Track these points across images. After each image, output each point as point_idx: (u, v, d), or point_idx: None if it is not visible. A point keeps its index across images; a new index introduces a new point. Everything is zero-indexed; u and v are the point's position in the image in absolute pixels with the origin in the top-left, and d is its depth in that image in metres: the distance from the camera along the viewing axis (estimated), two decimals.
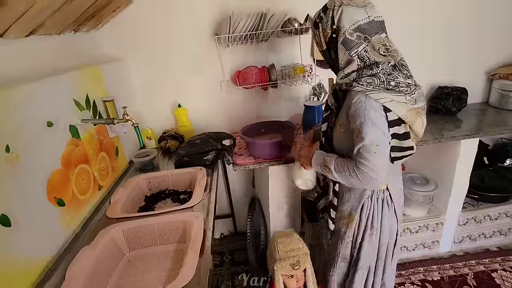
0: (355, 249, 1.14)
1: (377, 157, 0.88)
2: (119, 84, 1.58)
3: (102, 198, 1.26)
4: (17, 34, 1.01)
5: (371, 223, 1.08)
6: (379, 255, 1.14)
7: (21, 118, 0.85)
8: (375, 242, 1.11)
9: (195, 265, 0.84)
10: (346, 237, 1.13)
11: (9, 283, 0.75)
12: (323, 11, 0.97)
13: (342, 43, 0.93)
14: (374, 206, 1.07)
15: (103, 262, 0.99)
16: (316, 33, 1.01)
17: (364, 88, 0.90)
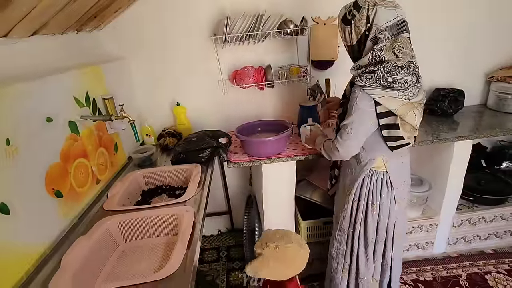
0: (355, 224, 1.27)
1: (351, 138, 1.11)
2: (120, 82, 1.63)
3: (100, 191, 1.31)
4: (20, 34, 1.07)
5: (371, 199, 1.22)
6: (378, 234, 1.26)
7: (21, 113, 0.90)
8: (376, 218, 1.24)
9: (182, 256, 0.89)
10: (345, 209, 1.29)
11: (7, 267, 0.80)
12: (355, 8, 1.04)
13: (371, 39, 1.04)
14: (374, 183, 1.21)
15: (98, 252, 1.03)
16: (346, 29, 1.09)
17: (363, 83, 1.05)
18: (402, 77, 1.04)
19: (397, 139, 1.12)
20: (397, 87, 1.03)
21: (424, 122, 1.84)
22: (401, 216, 1.28)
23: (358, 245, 1.30)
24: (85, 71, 1.29)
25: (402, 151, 1.19)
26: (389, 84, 1.03)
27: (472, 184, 1.96)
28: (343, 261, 1.37)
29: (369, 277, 1.34)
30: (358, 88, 1.07)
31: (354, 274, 1.36)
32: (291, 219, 1.71)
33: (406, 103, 1.05)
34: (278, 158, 1.51)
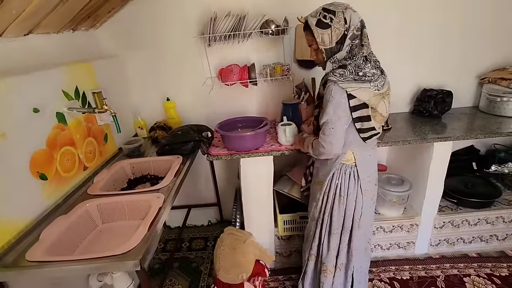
0: (324, 214, 1.36)
1: (333, 133, 1.17)
2: (112, 78, 1.76)
3: (86, 177, 1.44)
4: (15, 33, 1.20)
5: (339, 192, 1.29)
6: (344, 225, 1.34)
7: (9, 104, 1.03)
8: (342, 209, 1.31)
9: (141, 237, 0.98)
10: (317, 199, 1.37)
11: None
12: (329, 13, 1.11)
13: (350, 37, 1.12)
14: (342, 176, 1.28)
15: (76, 229, 1.16)
16: (325, 33, 1.13)
17: (336, 78, 1.13)
18: (369, 70, 1.15)
19: (369, 130, 1.21)
20: (368, 79, 1.13)
21: (409, 123, 1.86)
22: (367, 209, 1.33)
23: (323, 233, 1.38)
24: (75, 67, 1.41)
25: (371, 144, 1.29)
26: (360, 78, 1.13)
27: (458, 186, 1.95)
28: (310, 248, 1.46)
29: (329, 264, 1.40)
30: (332, 83, 1.15)
31: (319, 259, 1.44)
32: (270, 212, 1.78)
33: (376, 94, 1.15)
34: (256, 152, 1.58)
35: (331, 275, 1.41)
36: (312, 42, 1.19)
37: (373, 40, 1.82)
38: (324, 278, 1.41)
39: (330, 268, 1.40)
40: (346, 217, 1.33)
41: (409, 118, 1.95)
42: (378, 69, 1.18)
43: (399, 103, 2.04)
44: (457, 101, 2.01)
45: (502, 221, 1.86)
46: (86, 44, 1.69)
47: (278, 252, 1.92)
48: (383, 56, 1.86)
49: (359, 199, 1.31)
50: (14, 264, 0.92)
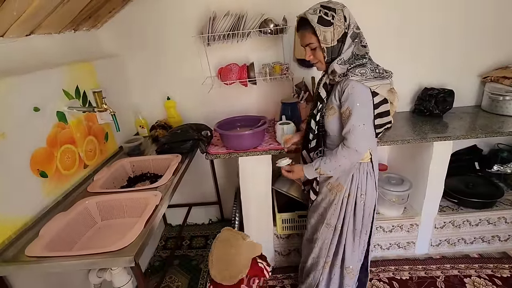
0: (345, 218, 1.30)
1: (364, 132, 1.11)
2: (113, 77, 1.78)
3: (87, 175, 1.47)
4: (17, 33, 1.23)
5: (360, 191, 1.26)
6: (364, 222, 1.32)
7: (9, 103, 1.05)
8: (362, 208, 1.28)
9: (136, 234, 1.00)
10: (334, 204, 1.30)
11: None
12: (329, 10, 1.07)
13: (351, 36, 1.11)
14: (361, 176, 1.25)
15: (75, 226, 1.18)
16: (328, 31, 1.08)
17: (359, 78, 1.09)
18: (382, 67, 1.16)
19: (385, 124, 1.21)
20: (386, 75, 1.14)
21: (409, 122, 1.85)
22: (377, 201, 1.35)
23: (346, 237, 1.33)
24: (76, 67, 1.44)
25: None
26: (380, 75, 1.12)
27: (459, 186, 1.93)
28: (326, 255, 1.39)
29: (354, 265, 1.38)
30: (355, 83, 1.10)
31: (339, 264, 1.39)
32: (268, 211, 1.78)
33: (389, 89, 1.16)
34: (254, 151, 1.59)
35: (356, 276, 1.40)
36: (311, 41, 1.13)
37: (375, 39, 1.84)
38: (349, 280, 1.39)
39: (355, 269, 1.39)
40: (366, 214, 1.31)
41: (410, 117, 1.94)
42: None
43: (400, 102, 2.02)
44: (459, 100, 1.99)
45: (504, 221, 1.83)
46: (87, 44, 1.72)
47: (277, 251, 1.93)
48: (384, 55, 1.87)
49: (374, 193, 1.30)
50: (14, 259, 0.94)
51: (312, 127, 1.27)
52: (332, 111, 1.19)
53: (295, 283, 1.80)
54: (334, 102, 1.18)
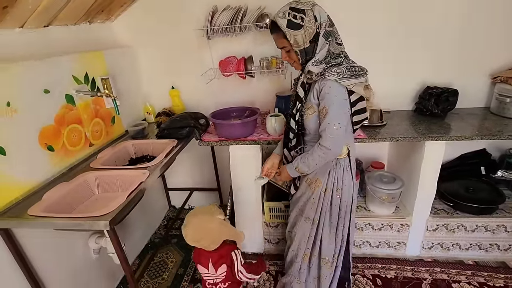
0: (321, 211, 1.34)
1: (338, 132, 1.12)
2: (122, 66, 1.94)
3: (92, 153, 1.64)
4: (35, 25, 1.41)
5: (337, 186, 1.30)
6: (340, 214, 1.35)
7: (22, 84, 1.23)
8: (339, 201, 1.32)
9: (118, 204, 1.13)
10: (312, 199, 1.34)
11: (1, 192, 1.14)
12: (298, 12, 1.07)
13: (323, 35, 1.10)
14: (338, 172, 1.29)
15: (74, 194, 1.35)
16: (298, 34, 1.08)
17: (336, 77, 1.10)
18: (357, 65, 1.15)
19: (361, 121, 1.24)
20: (362, 73, 1.14)
21: (407, 120, 1.82)
22: (355, 193, 1.37)
23: (323, 229, 1.37)
24: (86, 55, 1.60)
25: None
26: (356, 73, 1.12)
27: (458, 189, 1.87)
28: (305, 247, 1.44)
29: (330, 256, 1.42)
30: (331, 82, 1.10)
31: (318, 255, 1.43)
32: (257, 199, 1.86)
33: (365, 86, 1.15)
34: (244, 140, 1.67)
35: (330, 266, 1.43)
36: (283, 44, 1.14)
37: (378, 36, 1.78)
38: (325, 271, 1.43)
39: (331, 260, 1.42)
40: (342, 207, 1.34)
41: (409, 116, 1.90)
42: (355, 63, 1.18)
43: (402, 100, 1.99)
44: (467, 101, 1.92)
45: (504, 230, 1.75)
46: (102, 36, 1.89)
47: (267, 238, 2.01)
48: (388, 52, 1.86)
49: (351, 188, 1.32)
50: (17, 216, 1.12)
51: (292, 126, 1.29)
52: (311, 110, 1.20)
53: (281, 270, 1.88)
54: (313, 101, 1.19)
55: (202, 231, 1.24)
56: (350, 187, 1.32)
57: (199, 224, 1.24)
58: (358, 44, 1.84)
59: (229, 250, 1.31)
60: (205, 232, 1.24)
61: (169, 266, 1.98)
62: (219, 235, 1.26)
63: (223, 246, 1.31)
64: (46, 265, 1.33)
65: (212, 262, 1.29)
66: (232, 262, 1.30)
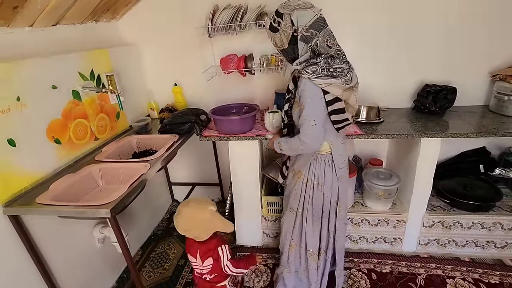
0: (304, 203, 1.42)
1: (315, 129, 1.19)
2: (127, 63, 2.01)
3: (97, 146, 1.71)
4: (44, 24, 1.48)
5: (317, 180, 1.36)
6: (324, 210, 1.41)
7: (31, 80, 1.30)
8: (321, 196, 1.38)
9: (118, 194, 1.20)
10: (294, 189, 1.43)
11: (10, 181, 1.22)
12: (278, 16, 1.16)
13: (301, 39, 1.16)
14: (319, 165, 1.35)
15: (79, 185, 1.42)
16: (276, 36, 1.20)
17: (309, 75, 1.15)
18: (339, 66, 1.17)
19: (343, 121, 1.26)
20: (338, 75, 1.16)
21: (405, 118, 1.84)
22: (342, 193, 1.40)
23: (306, 221, 1.44)
24: (92, 53, 1.67)
25: (343, 133, 1.35)
26: (331, 73, 1.15)
27: (456, 187, 1.88)
28: (291, 238, 1.52)
29: (315, 249, 1.48)
30: (306, 80, 1.17)
31: (304, 247, 1.49)
32: (256, 194, 1.91)
33: (347, 88, 1.18)
34: (242, 136, 1.72)
35: (316, 259, 1.49)
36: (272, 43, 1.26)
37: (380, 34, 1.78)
38: (311, 262, 1.49)
39: (315, 253, 1.48)
40: (325, 203, 1.40)
41: (408, 113, 1.91)
42: (346, 64, 1.19)
43: (400, 97, 2.00)
44: (467, 99, 1.93)
45: (501, 227, 1.76)
46: (108, 34, 1.96)
47: (265, 232, 2.06)
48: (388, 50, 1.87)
49: (335, 185, 1.37)
50: (26, 204, 1.20)
51: (283, 117, 1.37)
52: (296, 104, 1.27)
53: (278, 263, 1.92)
54: (298, 96, 1.26)
55: (193, 221, 1.27)
56: (333, 184, 1.36)
57: (190, 213, 1.27)
58: (358, 42, 1.88)
59: (216, 244, 1.32)
60: (196, 222, 1.27)
61: (171, 257, 2.05)
62: (209, 226, 1.29)
63: (212, 239, 1.32)
64: (53, 252, 1.40)
65: (200, 254, 1.32)
66: (218, 257, 1.32)
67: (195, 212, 1.27)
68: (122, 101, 1.74)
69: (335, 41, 1.21)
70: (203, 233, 1.29)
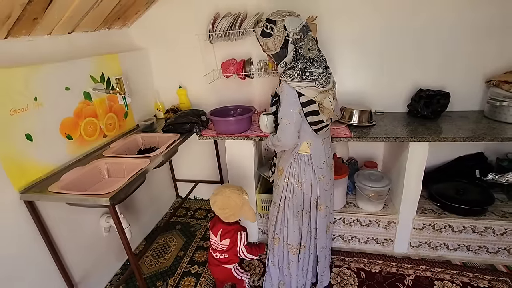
0: (285, 199, 1.51)
1: (288, 128, 1.31)
2: (135, 67, 2.17)
3: (105, 143, 1.87)
4: (61, 32, 1.65)
5: (297, 178, 1.46)
6: (304, 207, 1.51)
7: (48, 82, 1.47)
8: (301, 194, 1.48)
9: (118, 186, 1.34)
10: (277, 186, 1.54)
11: (27, 171, 1.38)
12: (270, 23, 1.26)
13: (292, 42, 1.27)
14: (299, 164, 1.44)
15: (88, 177, 1.58)
16: (269, 41, 1.29)
17: (287, 78, 1.27)
18: (316, 70, 1.26)
19: (319, 122, 1.35)
20: (313, 79, 1.25)
21: (396, 122, 1.89)
22: (322, 192, 1.49)
23: (287, 216, 1.54)
24: (102, 57, 1.83)
25: (324, 134, 1.43)
26: (307, 77, 1.25)
27: (448, 190, 1.90)
28: (273, 231, 1.63)
29: (295, 244, 1.56)
30: (283, 83, 1.29)
31: (286, 241, 1.58)
32: (251, 191, 2.01)
33: (321, 91, 1.27)
34: (238, 136, 1.82)
35: (297, 253, 1.59)
36: (262, 48, 1.36)
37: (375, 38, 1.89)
38: (291, 256, 1.59)
39: (296, 247, 1.57)
40: (305, 200, 1.50)
41: (401, 117, 1.95)
42: (324, 68, 1.28)
43: (395, 101, 2.05)
44: (462, 104, 1.95)
45: (492, 232, 1.77)
46: (119, 40, 2.13)
47: (261, 229, 2.15)
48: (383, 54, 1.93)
49: (314, 184, 1.46)
50: (40, 191, 1.36)
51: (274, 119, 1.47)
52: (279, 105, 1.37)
53: None
54: None
55: (228, 202, 1.47)
56: (312, 183, 1.45)
57: (229, 194, 1.48)
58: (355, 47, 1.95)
59: (237, 229, 1.54)
60: (230, 203, 1.47)
61: (171, 249, 2.18)
62: (239, 211, 1.49)
63: (236, 223, 1.56)
64: (63, 237, 1.56)
65: (221, 233, 1.53)
66: (236, 241, 1.53)
67: (232, 195, 1.47)
68: (129, 102, 1.90)
69: (316, 45, 1.31)
70: (232, 216, 1.49)
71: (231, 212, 1.50)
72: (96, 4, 1.62)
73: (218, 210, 1.51)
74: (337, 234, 2.01)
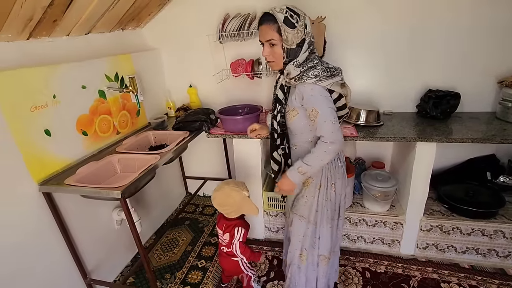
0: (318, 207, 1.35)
1: (336, 128, 1.17)
2: (148, 66, 2.24)
3: (118, 139, 1.95)
4: (78, 33, 1.73)
5: (331, 180, 1.33)
6: (335, 207, 1.39)
7: (65, 81, 1.55)
8: (334, 195, 1.35)
9: (130, 179, 1.40)
10: (304, 196, 1.36)
11: (45, 165, 1.47)
12: (296, 15, 1.13)
13: (308, 43, 1.19)
14: (331, 167, 1.33)
15: (101, 172, 1.65)
16: (291, 32, 1.13)
17: (314, 79, 1.16)
18: (331, 65, 1.23)
19: (342, 117, 1.35)
20: (336, 73, 1.21)
21: (405, 122, 1.88)
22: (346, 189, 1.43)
23: (320, 227, 1.39)
24: (116, 57, 1.91)
25: None
26: (331, 73, 1.19)
27: (457, 192, 1.88)
28: (301, 247, 1.45)
29: (327, 253, 1.44)
30: (311, 85, 1.17)
31: (317, 253, 1.45)
32: (258, 188, 2.04)
33: (342, 84, 1.23)
34: (245, 134, 1.86)
35: (327, 264, 1.46)
36: (273, 37, 1.16)
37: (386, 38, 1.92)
38: (321, 269, 1.46)
39: (328, 256, 1.45)
40: (337, 201, 1.37)
41: (410, 118, 1.94)
42: None
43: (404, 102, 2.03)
44: (474, 105, 1.93)
45: (503, 236, 1.74)
46: (133, 40, 2.21)
47: (267, 226, 2.19)
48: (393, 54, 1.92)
49: (344, 181, 1.38)
50: (57, 183, 1.44)
51: (275, 127, 1.34)
52: (294, 112, 1.26)
53: (277, 256, 2.04)
54: (295, 104, 1.24)
55: (227, 199, 1.50)
56: (343, 180, 1.37)
57: (228, 192, 1.50)
58: (363, 46, 1.95)
59: (235, 225, 1.55)
60: (229, 200, 1.50)
61: (180, 243, 2.25)
62: (238, 207, 1.52)
63: (237, 219, 1.58)
64: (77, 228, 1.65)
65: (223, 228, 1.59)
66: (233, 235, 1.55)
67: (231, 192, 1.50)
68: (141, 100, 1.97)
69: None
70: (233, 212, 1.53)
71: (231, 209, 1.52)
72: (112, 6, 1.69)
73: (218, 206, 1.54)
74: (343, 233, 2.02)
